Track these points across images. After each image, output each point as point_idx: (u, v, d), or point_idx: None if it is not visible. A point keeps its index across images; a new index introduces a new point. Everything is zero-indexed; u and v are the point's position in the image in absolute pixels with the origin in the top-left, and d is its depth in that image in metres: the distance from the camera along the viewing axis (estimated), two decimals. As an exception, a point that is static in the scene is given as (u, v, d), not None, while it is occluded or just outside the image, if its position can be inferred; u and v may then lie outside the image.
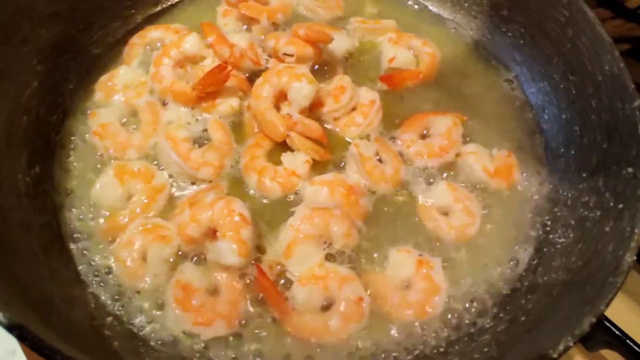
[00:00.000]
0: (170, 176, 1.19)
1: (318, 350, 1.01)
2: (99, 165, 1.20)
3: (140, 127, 1.24)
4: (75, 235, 1.12)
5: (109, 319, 1.02)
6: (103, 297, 1.05)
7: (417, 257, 1.10)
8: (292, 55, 1.30)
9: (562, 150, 1.26)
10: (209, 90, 1.25)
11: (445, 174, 1.24)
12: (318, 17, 1.49)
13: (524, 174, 1.26)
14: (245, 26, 1.44)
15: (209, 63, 1.30)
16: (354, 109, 1.29)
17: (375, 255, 1.12)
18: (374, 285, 1.08)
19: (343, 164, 1.23)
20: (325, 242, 1.10)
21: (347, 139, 1.27)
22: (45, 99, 1.23)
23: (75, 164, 1.21)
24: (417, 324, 1.05)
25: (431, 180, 1.22)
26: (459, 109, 1.32)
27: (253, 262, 1.07)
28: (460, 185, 1.21)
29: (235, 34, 1.37)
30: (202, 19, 1.41)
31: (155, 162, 1.20)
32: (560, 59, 1.29)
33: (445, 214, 1.19)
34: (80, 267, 1.08)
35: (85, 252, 1.10)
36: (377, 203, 1.19)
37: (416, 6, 1.55)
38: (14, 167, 1.11)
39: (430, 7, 1.55)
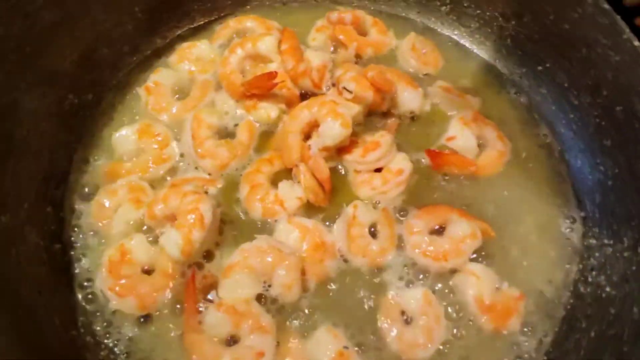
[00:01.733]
0: (182, 154, 1.23)
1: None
2: (135, 116, 1.28)
3: (185, 99, 1.30)
4: (79, 167, 1.22)
5: (57, 245, 1.10)
6: (68, 232, 1.13)
7: (341, 348, 0.99)
8: (350, 92, 1.24)
9: (584, 325, 1.02)
10: (254, 92, 1.25)
11: (431, 280, 1.08)
12: (408, 67, 1.39)
13: (525, 328, 1.05)
14: (332, 48, 1.41)
15: (274, 67, 1.30)
16: (379, 169, 1.20)
17: (307, 322, 1.03)
18: (285, 350, 1.00)
19: (337, 218, 1.15)
20: (265, 282, 1.05)
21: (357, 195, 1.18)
22: (130, 41, 1.36)
23: (119, 106, 1.31)
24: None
25: (413, 279, 1.08)
26: (493, 224, 1.14)
27: (192, 265, 1.07)
28: (439, 300, 1.06)
29: (315, 51, 1.36)
30: (299, 25, 1.43)
31: (178, 137, 1.24)
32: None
33: (408, 322, 1.04)
34: (66, 192, 1.18)
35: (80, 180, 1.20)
36: (343, 273, 1.09)
37: (516, 95, 1.36)
38: (70, 84, 1.23)
39: (534, 106, 1.34)
